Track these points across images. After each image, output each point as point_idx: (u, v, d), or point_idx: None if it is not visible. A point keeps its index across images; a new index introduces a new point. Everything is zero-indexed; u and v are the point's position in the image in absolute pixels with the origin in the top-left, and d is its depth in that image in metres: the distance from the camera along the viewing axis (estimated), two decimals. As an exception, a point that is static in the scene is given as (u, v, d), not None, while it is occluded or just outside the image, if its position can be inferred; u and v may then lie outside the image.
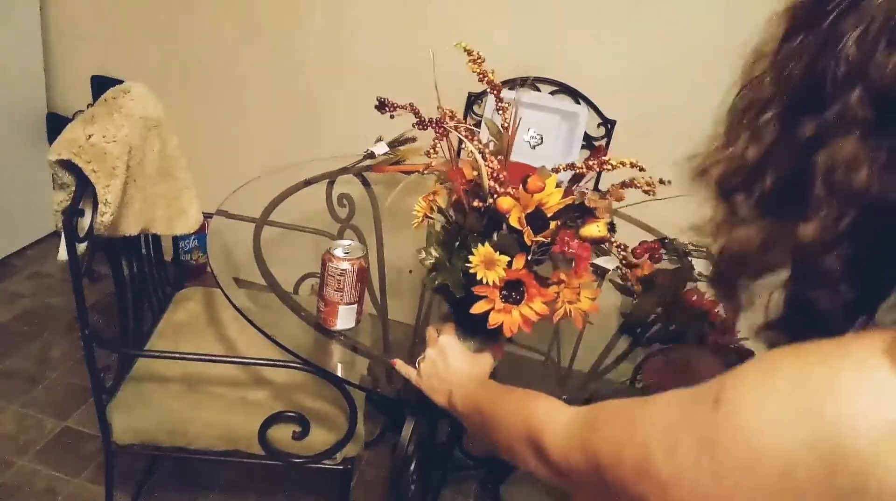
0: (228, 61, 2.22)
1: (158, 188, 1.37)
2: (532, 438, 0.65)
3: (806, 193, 0.42)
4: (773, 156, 0.45)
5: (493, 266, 0.81)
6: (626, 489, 0.49)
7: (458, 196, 0.89)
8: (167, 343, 1.42)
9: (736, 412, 0.42)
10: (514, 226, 0.83)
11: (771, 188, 0.45)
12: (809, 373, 0.39)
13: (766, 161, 0.46)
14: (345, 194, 1.62)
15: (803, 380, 0.39)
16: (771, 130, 0.45)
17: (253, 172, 1.55)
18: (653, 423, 0.48)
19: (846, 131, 0.40)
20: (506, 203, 0.83)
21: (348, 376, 1.09)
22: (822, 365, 0.39)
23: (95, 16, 2.29)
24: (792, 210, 0.43)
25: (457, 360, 0.88)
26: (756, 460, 0.40)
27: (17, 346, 1.99)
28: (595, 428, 0.57)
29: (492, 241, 0.83)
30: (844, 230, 0.41)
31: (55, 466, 1.64)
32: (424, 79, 2.00)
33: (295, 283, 1.59)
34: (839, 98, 0.40)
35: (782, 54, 0.45)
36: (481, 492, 1.76)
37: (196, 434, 1.25)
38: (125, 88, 1.31)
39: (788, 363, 0.41)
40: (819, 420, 0.38)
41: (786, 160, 0.44)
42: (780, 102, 0.45)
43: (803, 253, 0.43)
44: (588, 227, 0.85)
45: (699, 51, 1.83)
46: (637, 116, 1.93)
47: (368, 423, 1.49)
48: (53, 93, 2.40)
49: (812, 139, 0.42)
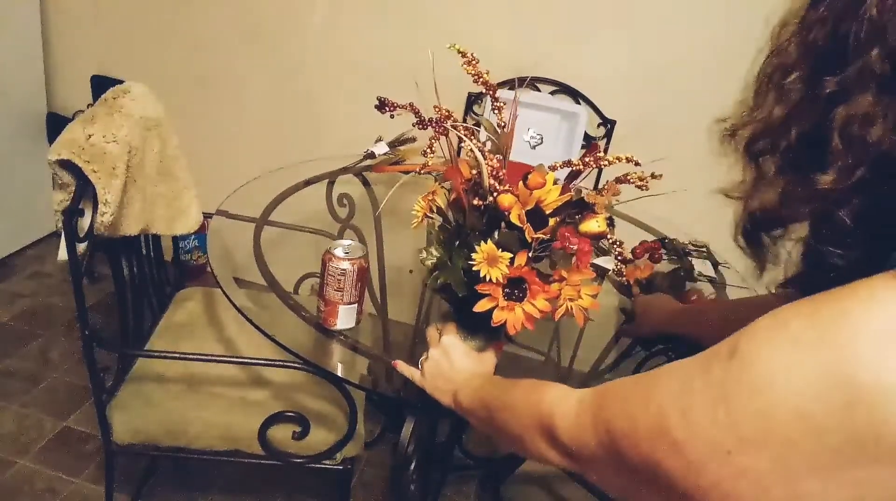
0: (228, 61, 2.22)
1: (158, 188, 1.37)
2: (543, 424, 0.65)
3: (825, 147, 0.44)
4: (797, 113, 0.47)
5: (496, 263, 0.81)
6: (641, 458, 0.49)
7: (456, 195, 0.89)
8: (167, 343, 1.42)
9: (750, 361, 0.42)
10: (515, 223, 0.83)
11: (794, 144, 0.47)
12: (820, 314, 0.40)
13: (791, 119, 0.48)
14: (345, 194, 1.62)
15: (814, 321, 0.40)
16: (796, 90, 0.47)
17: (253, 172, 1.55)
18: (668, 388, 0.48)
19: (864, 87, 0.42)
20: (506, 200, 0.82)
21: (348, 376, 1.09)
22: (832, 304, 0.40)
23: (95, 16, 2.29)
24: (811, 165, 0.45)
25: (461, 359, 0.88)
26: (773, 405, 0.40)
27: (17, 346, 1.99)
28: (607, 404, 0.57)
29: (493, 239, 0.83)
30: (857, 182, 0.43)
31: (55, 466, 1.64)
32: (424, 79, 1.99)
33: (295, 283, 1.59)
34: (860, 57, 0.42)
35: (808, 20, 0.47)
36: (481, 492, 1.76)
37: (196, 434, 1.25)
38: (125, 88, 1.31)
39: (799, 308, 0.42)
40: (832, 356, 0.38)
41: (809, 116, 0.46)
42: (805, 64, 0.47)
43: (819, 205, 0.45)
44: (587, 222, 0.85)
45: (699, 51, 1.83)
46: (637, 116, 1.93)
47: (368, 423, 1.49)
48: (53, 93, 2.40)
49: (833, 95, 0.44)
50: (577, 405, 0.61)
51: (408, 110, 0.91)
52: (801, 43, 0.47)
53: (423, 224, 0.94)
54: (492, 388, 0.81)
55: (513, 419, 0.72)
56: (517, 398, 0.73)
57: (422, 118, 0.90)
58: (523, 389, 0.73)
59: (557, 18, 1.94)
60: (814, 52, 0.46)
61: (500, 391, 0.78)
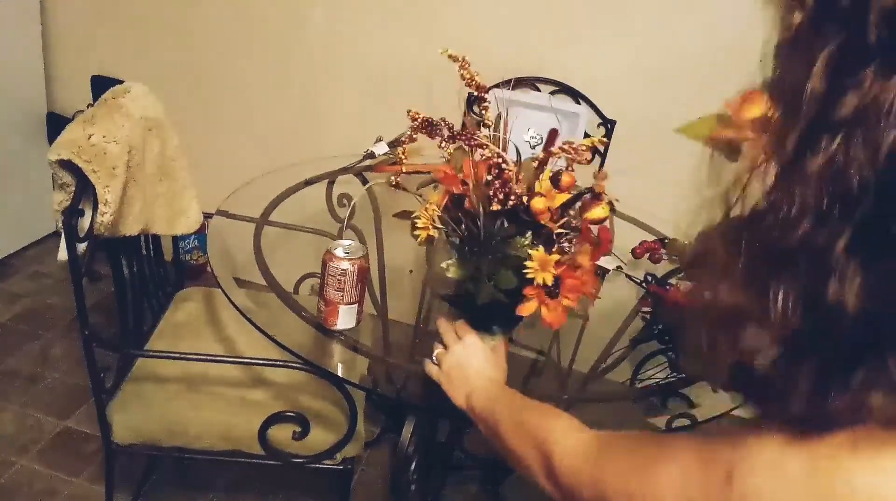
0: (229, 61, 2.22)
1: (158, 188, 1.37)
2: (543, 456, 0.66)
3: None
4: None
5: (547, 267, 0.85)
6: None
7: (470, 204, 0.90)
8: (167, 343, 1.42)
9: (748, 494, 0.42)
10: (543, 224, 0.86)
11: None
12: (822, 469, 0.39)
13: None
14: (345, 194, 1.62)
15: (816, 476, 0.39)
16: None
17: (253, 173, 1.55)
18: (668, 480, 0.49)
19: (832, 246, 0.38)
20: (540, 203, 0.85)
21: (348, 376, 1.09)
22: (832, 462, 0.39)
23: (95, 16, 2.29)
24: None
25: (482, 362, 0.88)
26: None
27: (17, 346, 1.99)
28: (606, 462, 0.58)
29: (522, 242, 0.86)
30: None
31: (55, 466, 1.64)
32: (425, 78, 2.01)
33: (295, 283, 1.59)
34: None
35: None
36: (481, 492, 1.76)
37: (196, 434, 1.25)
38: (125, 88, 1.31)
39: (798, 452, 0.40)
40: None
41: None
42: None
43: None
44: (593, 210, 0.87)
45: (699, 51, 1.83)
46: (637, 116, 1.93)
47: (368, 423, 1.49)
48: (53, 93, 2.40)
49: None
50: (579, 450, 0.62)
51: (442, 127, 0.91)
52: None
53: (427, 237, 0.94)
54: (506, 402, 0.81)
55: (517, 439, 0.73)
56: (525, 421, 0.73)
57: (452, 131, 0.91)
58: (534, 413, 0.74)
59: (557, 18, 1.94)
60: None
61: (513, 408, 0.79)
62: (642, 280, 1.34)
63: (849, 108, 0.35)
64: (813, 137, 0.37)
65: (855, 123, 0.35)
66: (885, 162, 0.35)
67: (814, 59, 0.37)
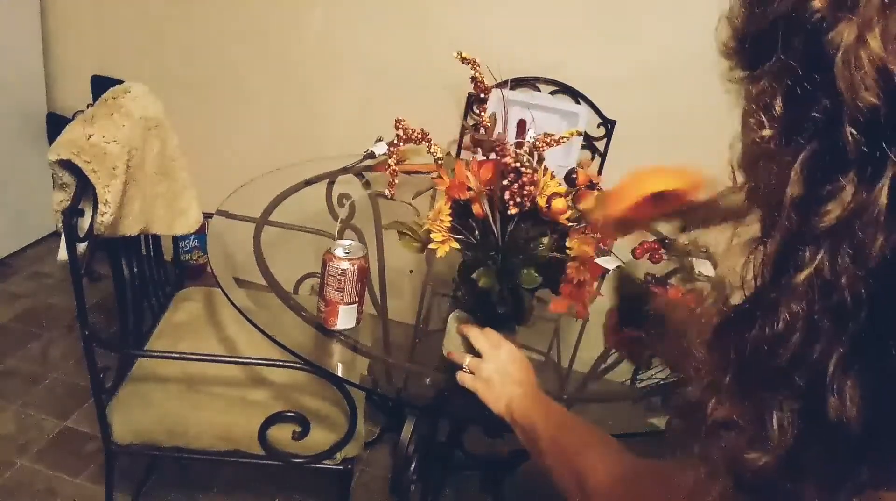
0: (229, 61, 2.22)
1: (158, 188, 1.37)
2: (579, 478, 0.66)
3: None
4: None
5: (586, 263, 0.89)
6: None
7: (480, 210, 0.91)
8: (167, 343, 1.42)
9: None
10: (560, 222, 0.89)
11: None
12: None
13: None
14: (345, 194, 1.62)
15: None
16: None
17: (253, 172, 1.55)
18: None
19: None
20: (560, 204, 0.88)
21: (348, 376, 1.09)
22: None
23: (95, 16, 2.29)
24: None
25: (519, 369, 0.89)
26: None
27: (17, 346, 1.99)
28: (641, 492, 0.58)
29: (547, 242, 0.89)
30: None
31: (55, 466, 1.64)
32: (425, 78, 2.01)
33: (295, 283, 1.59)
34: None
35: None
36: (481, 492, 1.76)
37: (196, 434, 1.25)
38: (125, 88, 1.31)
39: None
40: None
41: None
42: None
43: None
44: (586, 200, 0.90)
45: (699, 51, 1.83)
46: (637, 116, 1.93)
47: (368, 423, 1.49)
48: (53, 93, 2.40)
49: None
50: (613, 477, 0.62)
51: (496, 142, 0.92)
52: None
53: (447, 248, 0.95)
54: (545, 414, 0.81)
55: (553, 457, 0.73)
56: (562, 440, 0.74)
57: (479, 140, 0.92)
58: (571, 435, 0.74)
59: (557, 19, 1.93)
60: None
61: (550, 423, 0.79)
62: (642, 280, 1.34)
63: (831, 218, 0.34)
64: (796, 248, 0.35)
65: (839, 233, 0.34)
66: (875, 272, 0.33)
67: (788, 169, 0.35)
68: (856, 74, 0.32)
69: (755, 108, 0.38)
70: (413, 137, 0.93)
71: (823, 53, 0.33)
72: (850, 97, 0.33)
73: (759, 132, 0.37)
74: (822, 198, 0.34)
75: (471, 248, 0.93)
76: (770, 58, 0.37)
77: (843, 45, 0.33)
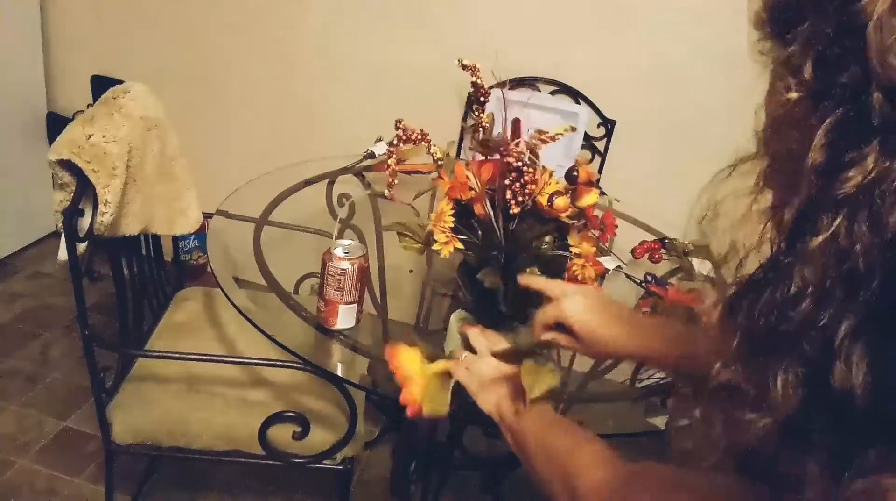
0: (229, 61, 2.22)
1: (158, 188, 1.37)
2: (569, 483, 0.65)
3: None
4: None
5: (591, 261, 0.90)
6: None
7: (482, 210, 0.91)
8: (167, 343, 1.42)
9: None
10: (562, 219, 0.90)
11: None
12: None
13: None
14: (344, 194, 1.62)
15: None
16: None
17: (253, 173, 1.55)
18: None
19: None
20: (563, 202, 0.89)
21: (348, 376, 1.09)
22: None
23: (95, 16, 2.29)
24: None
25: (512, 370, 0.87)
26: None
27: (17, 346, 1.99)
28: (631, 497, 0.57)
29: (554, 242, 0.90)
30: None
31: (55, 466, 1.64)
32: (425, 78, 2.01)
33: (295, 283, 1.59)
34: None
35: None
36: (481, 492, 1.76)
37: (196, 434, 1.25)
38: (125, 88, 1.31)
39: None
40: None
41: None
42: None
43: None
44: (586, 197, 0.90)
45: (699, 51, 1.83)
46: (637, 116, 1.93)
47: (368, 423, 1.49)
48: (53, 93, 2.40)
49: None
50: (603, 485, 0.61)
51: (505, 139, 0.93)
52: None
53: (451, 249, 0.95)
54: (536, 418, 0.79)
55: (542, 463, 0.72)
56: (551, 446, 0.72)
57: (485, 140, 0.92)
58: (560, 439, 0.73)
59: (557, 19, 1.93)
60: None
61: (541, 425, 0.77)
62: (642, 280, 1.34)
63: (851, 185, 0.34)
64: (814, 214, 0.36)
65: (858, 200, 0.34)
66: (890, 241, 0.33)
67: (813, 134, 0.36)
68: (888, 42, 0.33)
69: (784, 71, 0.38)
70: (413, 138, 0.93)
71: (857, 20, 0.34)
72: (879, 64, 0.33)
73: (786, 95, 0.38)
74: (844, 165, 0.34)
75: (474, 248, 0.93)
76: (802, 23, 0.37)
77: (878, 12, 0.33)
